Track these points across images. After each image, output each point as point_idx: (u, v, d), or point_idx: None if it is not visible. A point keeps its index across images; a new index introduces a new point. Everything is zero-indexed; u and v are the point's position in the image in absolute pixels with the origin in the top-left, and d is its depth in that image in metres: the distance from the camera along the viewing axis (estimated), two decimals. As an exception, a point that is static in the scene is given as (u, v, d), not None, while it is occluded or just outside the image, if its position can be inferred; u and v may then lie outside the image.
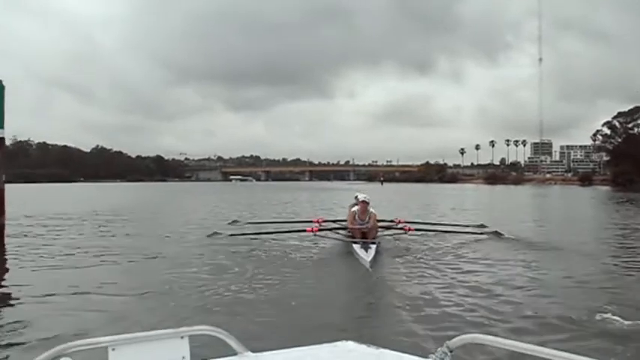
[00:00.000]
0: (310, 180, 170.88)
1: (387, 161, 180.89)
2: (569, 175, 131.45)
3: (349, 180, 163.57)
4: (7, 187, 12.18)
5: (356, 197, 11.34)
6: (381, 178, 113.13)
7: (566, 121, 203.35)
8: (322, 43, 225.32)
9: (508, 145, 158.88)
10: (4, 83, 11.72)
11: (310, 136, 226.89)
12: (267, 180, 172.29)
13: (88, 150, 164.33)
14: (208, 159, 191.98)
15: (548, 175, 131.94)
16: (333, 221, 12.49)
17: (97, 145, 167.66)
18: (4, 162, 12.49)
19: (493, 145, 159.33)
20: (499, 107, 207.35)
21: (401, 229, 11.49)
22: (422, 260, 9.36)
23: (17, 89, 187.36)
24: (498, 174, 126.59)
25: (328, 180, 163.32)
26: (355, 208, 10.85)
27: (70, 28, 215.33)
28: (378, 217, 11.33)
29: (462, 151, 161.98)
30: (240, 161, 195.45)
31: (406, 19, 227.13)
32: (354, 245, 9.65)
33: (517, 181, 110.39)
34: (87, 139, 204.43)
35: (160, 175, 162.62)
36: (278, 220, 13.86)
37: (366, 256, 8.91)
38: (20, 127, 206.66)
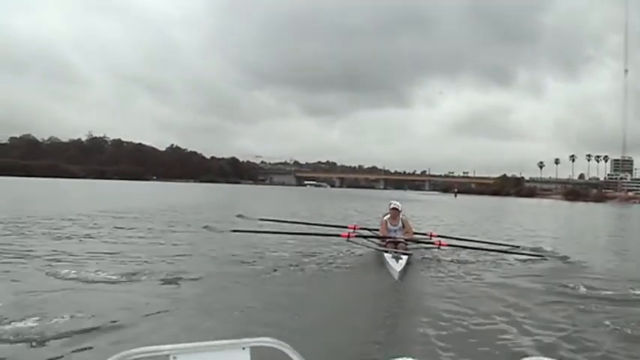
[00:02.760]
0: (385, 189, 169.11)
1: (464, 172, 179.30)
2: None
3: (424, 190, 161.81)
4: (78, 182, 10.99)
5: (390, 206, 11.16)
6: (455, 190, 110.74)
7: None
8: (401, 50, 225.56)
9: (589, 160, 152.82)
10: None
11: (387, 144, 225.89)
12: (341, 186, 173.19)
13: (163, 149, 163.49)
14: (284, 163, 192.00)
15: (630, 194, 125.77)
16: (369, 230, 12.32)
17: (172, 145, 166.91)
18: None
19: (573, 160, 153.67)
20: (578, 121, 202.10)
21: (433, 243, 11.00)
22: (452, 276, 9.19)
23: (97, 86, 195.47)
24: (578, 190, 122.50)
25: (403, 189, 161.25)
26: (387, 216, 10.88)
27: (150, 27, 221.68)
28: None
29: (541, 165, 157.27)
30: (316, 167, 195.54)
31: (486, 28, 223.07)
32: (386, 255, 9.51)
33: (598, 199, 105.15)
34: (163, 137, 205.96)
35: (234, 177, 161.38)
36: (317, 223, 14.19)
37: (397, 266, 8.77)
38: (98, 124, 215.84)
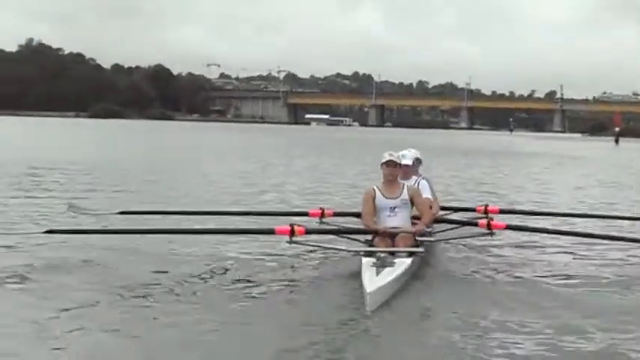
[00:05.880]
0: (470, 128, 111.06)
1: (634, 93, 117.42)
2: None
3: (551, 130, 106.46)
4: None
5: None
6: (617, 130, 62.58)
7: None
8: None
9: None
10: None
11: (475, 37, 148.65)
12: (381, 124, 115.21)
13: (14, 49, 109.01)
14: (266, 77, 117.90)
15: None
16: (350, 213, 6.89)
17: (32, 40, 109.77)
18: None
19: None
20: None
21: (477, 224, 5.91)
22: (503, 301, 4.79)
23: None
24: None
25: (506, 130, 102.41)
26: (380, 181, 6.15)
27: None
28: (444, 203, 7.48)
29: None
30: (330, 84, 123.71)
31: None
32: (364, 259, 5.24)
33: None
34: (18, 29, 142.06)
35: (162, 106, 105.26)
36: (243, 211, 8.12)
37: (374, 282, 4.67)
38: None
